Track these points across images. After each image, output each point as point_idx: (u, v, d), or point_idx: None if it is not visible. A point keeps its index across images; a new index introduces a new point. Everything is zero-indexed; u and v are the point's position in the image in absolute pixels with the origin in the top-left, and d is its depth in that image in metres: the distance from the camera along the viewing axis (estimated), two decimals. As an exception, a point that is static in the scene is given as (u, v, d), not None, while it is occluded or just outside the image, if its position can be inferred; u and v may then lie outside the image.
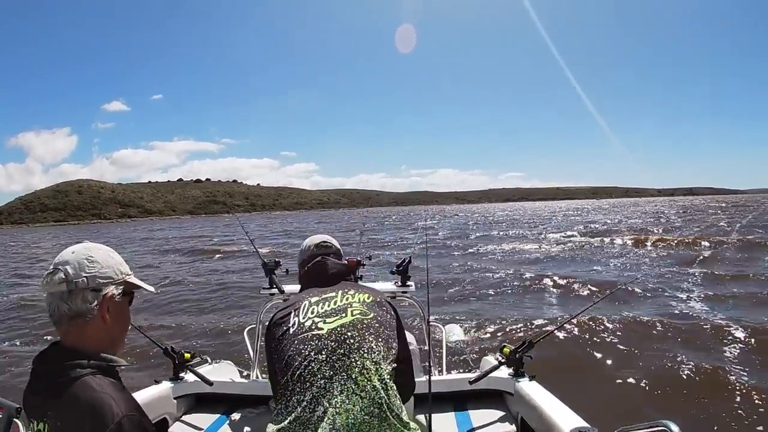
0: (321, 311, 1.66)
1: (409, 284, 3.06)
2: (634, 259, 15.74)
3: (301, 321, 1.64)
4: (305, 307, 1.68)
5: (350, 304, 1.69)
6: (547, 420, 2.17)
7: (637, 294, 9.81)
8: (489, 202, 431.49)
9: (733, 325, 7.18)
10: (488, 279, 12.80)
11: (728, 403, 4.95)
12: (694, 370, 5.70)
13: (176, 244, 30.63)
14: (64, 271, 1.14)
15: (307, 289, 1.87)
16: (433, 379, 2.54)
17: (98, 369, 1.13)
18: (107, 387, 1.10)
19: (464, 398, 2.81)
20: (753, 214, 36.66)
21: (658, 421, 1.44)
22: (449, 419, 2.61)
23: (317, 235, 2.16)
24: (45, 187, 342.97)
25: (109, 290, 1.18)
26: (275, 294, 3.10)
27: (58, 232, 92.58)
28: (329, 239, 2.13)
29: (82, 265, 1.16)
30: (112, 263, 1.22)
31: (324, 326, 1.60)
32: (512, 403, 2.66)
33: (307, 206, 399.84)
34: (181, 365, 2.88)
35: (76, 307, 1.14)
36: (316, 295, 1.75)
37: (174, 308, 10.64)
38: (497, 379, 2.74)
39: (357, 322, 1.61)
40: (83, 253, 1.19)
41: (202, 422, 2.72)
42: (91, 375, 1.10)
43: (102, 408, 1.04)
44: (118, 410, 1.04)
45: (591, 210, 73.20)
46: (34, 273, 18.62)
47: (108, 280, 1.19)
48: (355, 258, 2.99)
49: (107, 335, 1.20)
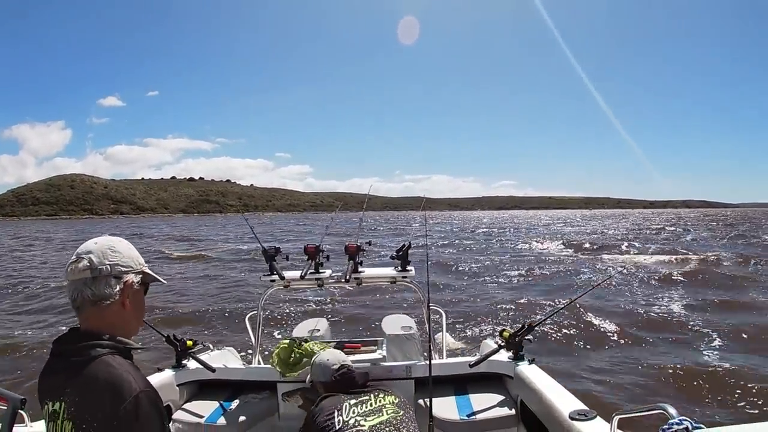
0: (361, 411, 2.08)
1: (408, 269, 3.09)
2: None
3: (345, 420, 2.04)
4: (346, 408, 2.10)
5: (383, 405, 2.13)
6: (547, 403, 2.20)
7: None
8: (482, 210, 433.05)
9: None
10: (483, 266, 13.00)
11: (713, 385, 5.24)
12: (679, 358, 5.99)
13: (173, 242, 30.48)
14: (89, 259, 1.22)
15: (337, 392, 2.25)
16: (433, 363, 2.59)
17: (116, 350, 1.20)
18: (125, 366, 1.17)
19: (464, 382, 2.84)
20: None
21: (655, 404, 1.48)
22: (450, 402, 2.64)
23: (330, 352, 2.51)
24: (38, 181, 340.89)
25: (129, 278, 1.26)
26: (276, 280, 3.11)
27: (49, 226, 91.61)
28: (346, 361, 2.45)
29: (105, 253, 1.24)
30: (132, 254, 1.30)
31: (366, 423, 2.01)
32: (512, 387, 2.69)
33: (300, 208, 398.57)
34: (183, 353, 2.90)
35: (100, 292, 1.21)
36: (353, 398, 2.17)
37: (176, 297, 10.69)
38: (497, 363, 2.78)
39: (392, 419, 2.06)
40: (106, 243, 1.27)
41: (205, 409, 2.73)
42: (110, 355, 1.17)
43: (121, 383, 1.11)
44: (137, 386, 1.12)
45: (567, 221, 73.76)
46: None
47: (129, 269, 1.27)
48: (356, 243, 3.04)
49: (125, 321, 1.27)
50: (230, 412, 2.68)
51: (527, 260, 17.12)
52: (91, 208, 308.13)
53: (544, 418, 2.22)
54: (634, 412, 1.59)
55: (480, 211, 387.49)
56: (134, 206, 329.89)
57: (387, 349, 3.22)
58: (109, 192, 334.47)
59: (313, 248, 3.06)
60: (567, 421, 1.96)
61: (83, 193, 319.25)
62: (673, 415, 1.40)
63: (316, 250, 3.06)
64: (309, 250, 3.06)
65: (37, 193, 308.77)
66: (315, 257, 3.05)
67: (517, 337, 2.69)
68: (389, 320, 3.78)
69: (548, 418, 2.17)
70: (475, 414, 2.51)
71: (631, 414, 1.62)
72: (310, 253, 3.05)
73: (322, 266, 3.09)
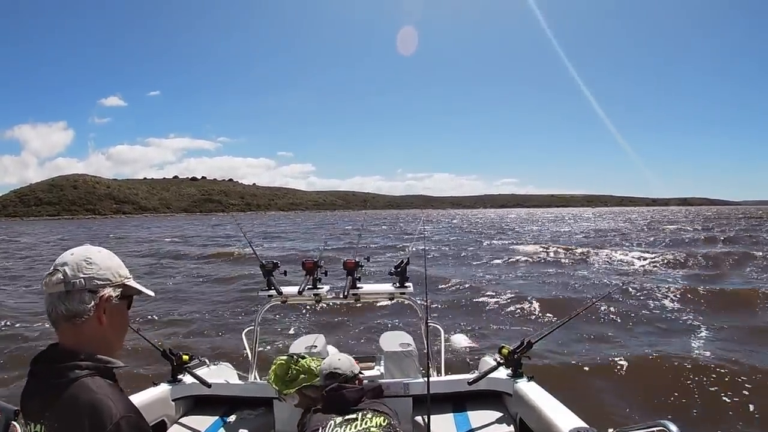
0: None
1: (407, 285, 3.08)
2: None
3: None
4: (330, 427, 2.07)
5: (368, 429, 2.06)
6: (546, 420, 2.18)
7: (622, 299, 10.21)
8: (484, 208, 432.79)
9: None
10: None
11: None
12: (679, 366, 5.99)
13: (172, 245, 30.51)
14: (63, 272, 1.16)
15: (327, 412, 2.23)
16: (431, 380, 2.56)
17: (96, 370, 1.14)
18: (105, 388, 1.11)
19: (463, 399, 2.82)
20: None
21: (656, 421, 1.46)
22: (448, 420, 2.62)
23: (344, 357, 2.52)
24: (40, 181, 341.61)
25: (105, 292, 1.19)
26: (273, 295, 3.10)
27: (51, 226, 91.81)
28: (355, 367, 2.45)
29: (80, 266, 1.17)
30: (110, 265, 1.23)
31: None
32: (511, 404, 2.67)
33: (303, 207, 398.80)
34: (179, 367, 2.88)
35: (73, 308, 1.15)
36: (339, 416, 2.14)
37: (172, 310, 10.61)
38: (496, 380, 2.75)
39: None
40: (82, 254, 1.20)
41: (200, 424, 2.72)
42: (89, 376, 1.11)
43: (101, 409, 1.05)
44: (117, 411, 1.06)
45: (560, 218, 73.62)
46: None
47: (105, 282, 1.20)
48: (354, 259, 3.03)
49: (103, 337, 1.20)
50: (226, 428, 2.67)
51: (529, 266, 17.01)
52: (94, 208, 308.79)
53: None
54: (634, 429, 1.57)
55: (482, 209, 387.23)
56: (137, 206, 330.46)
57: (385, 366, 3.21)
58: (111, 192, 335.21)
59: (311, 263, 3.06)
60: None
61: (86, 193, 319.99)
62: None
63: (315, 265, 3.06)
64: (307, 266, 3.07)
65: (39, 193, 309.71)
66: (313, 273, 3.05)
67: (516, 354, 2.67)
68: (387, 337, 3.77)
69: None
70: (473, 431, 2.49)
71: (631, 431, 1.60)
72: (308, 268, 3.05)
73: (320, 282, 3.09)
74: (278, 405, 2.79)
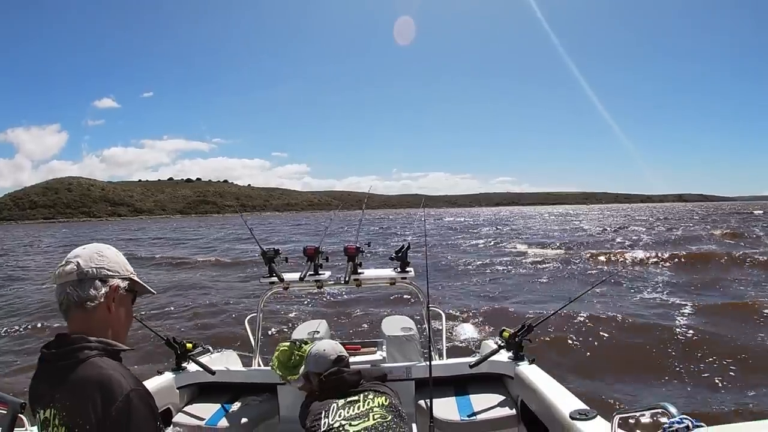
0: (347, 415, 2.05)
1: (408, 270, 3.08)
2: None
3: (330, 423, 2.03)
4: (333, 410, 2.08)
5: (371, 408, 2.07)
6: (547, 403, 2.19)
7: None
8: (479, 206, 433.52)
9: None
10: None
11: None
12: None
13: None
14: (76, 263, 1.25)
15: (327, 397, 2.21)
16: (433, 364, 2.58)
17: (104, 351, 1.20)
18: (115, 365, 1.18)
19: (465, 382, 2.84)
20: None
21: (656, 403, 1.47)
22: (450, 403, 2.63)
23: (327, 342, 2.48)
24: (34, 184, 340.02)
25: (115, 282, 1.28)
26: (275, 282, 3.10)
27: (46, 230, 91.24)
28: (343, 352, 2.43)
29: (92, 258, 1.27)
30: (119, 260, 1.33)
31: (350, 428, 1.97)
32: (512, 387, 2.69)
33: (298, 208, 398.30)
34: (183, 355, 2.88)
35: (85, 294, 1.23)
36: (341, 398, 2.14)
37: (174, 301, 10.65)
38: (497, 363, 2.77)
39: (378, 425, 1.99)
40: (94, 249, 1.31)
41: (205, 411, 2.72)
42: (98, 356, 1.17)
43: (111, 382, 1.11)
44: (127, 384, 1.12)
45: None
46: None
47: (115, 274, 1.29)
48: (355, 245, 3.03)
49: (111, 325, 1.27)
50: (230, 415, 2.67)
51: (526, 259, 17.10)
52: (89, 211, 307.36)
53: (545, 418, 2.21)
54: (634, 411, 1.58)
55: (478, 207, 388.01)
56: (132, 208, 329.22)
57: (387, 350, 3.22)
58: (106, 194, 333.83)
59: (312, 250, 3.05)
60: (567, 421, 1.95)
61: (81, 196, 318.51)
62: (674, 414, 1.39)
63: (316, 251, 3.05)
64: (308, 252, 3.05)
65: (34, 196, 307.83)
66: (314, 259, 3.04)
67: (517, 337, 2.68)
68: (389, 321, 3.77)
69: (549, 418, 2.16)
70: (475, 414, 2.51)
71: (631, 413, 1.61)
72: (310, 254, 3.04)
73: (322, 268, 3.08)
74: (282, 391, 2.80)
